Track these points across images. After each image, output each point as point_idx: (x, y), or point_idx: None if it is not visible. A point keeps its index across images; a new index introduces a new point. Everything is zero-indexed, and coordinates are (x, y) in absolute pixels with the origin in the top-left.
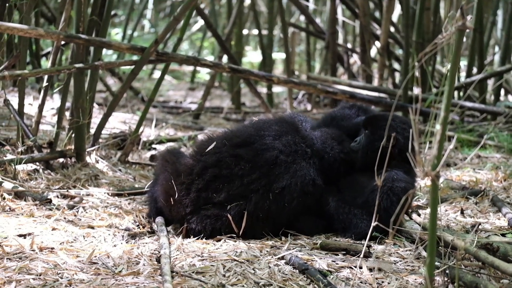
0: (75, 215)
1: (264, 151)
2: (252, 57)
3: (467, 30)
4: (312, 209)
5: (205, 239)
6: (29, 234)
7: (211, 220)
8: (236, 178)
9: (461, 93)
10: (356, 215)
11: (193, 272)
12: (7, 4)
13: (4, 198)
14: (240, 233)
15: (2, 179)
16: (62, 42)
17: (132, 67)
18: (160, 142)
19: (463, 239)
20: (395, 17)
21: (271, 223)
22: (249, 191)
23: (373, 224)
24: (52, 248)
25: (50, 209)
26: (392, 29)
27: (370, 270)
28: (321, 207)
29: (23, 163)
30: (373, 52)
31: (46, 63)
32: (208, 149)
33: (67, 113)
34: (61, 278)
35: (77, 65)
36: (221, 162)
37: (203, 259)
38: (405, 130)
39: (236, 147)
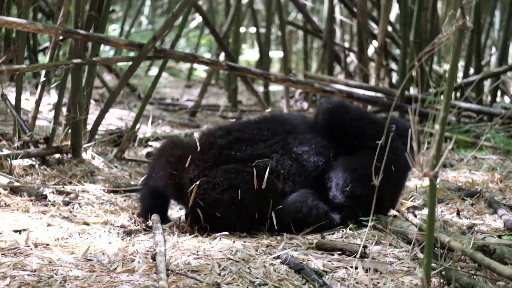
0: (70, 211)
1: (283, 123)
2: (249, 55)
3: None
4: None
5: (218, 195)
6: (24, 229)
7: (231, 174)
8: (259, 141)
9: (458, 94)
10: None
11: (188, 271)
12: None
13: None
14: (263, 186)
15: None
16: (60, 37)
17: (130, 63)
18: (157, 139)
19: (460, 240)
20: (392, 16)
21: (291, 181)
22: (271, 151)
23: (371, 222)
24: (47, 244)
25: (46, 205)
26: (389, 28)
27: (366, 270)
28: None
29: (19, 158)
30: (371, 51)
31: (43, 59)
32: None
33: (64, 109)
34: (56, 274)
35: (75, 61)
36: (244, 129)
37: (198, 258)
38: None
39: (257, 123)
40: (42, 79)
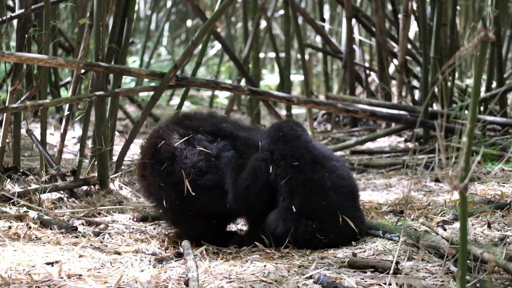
0: (101, 242)
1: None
2: (269, 80)
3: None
4: None
5: None
6: (57, 261)
7: None
8: None
9: (482, 108)
10: None
11: None
12: (26, 36)
13: (30, 227)
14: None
15: (28, 208)
16: (82, 71)
17: (152, 93)
18: None
19: (493, 251)
20: (411, 34)
21: None
22: None
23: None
24: (80, 275)
25: (76, 237)
26: (409, 46)
27: (400, 286)
28: None
29: (47, 192)
30: (391, 69)
31: (65, 93)
32: None
33: (89, 141)
34: None
35: (97, 93)
36: None
37: (231, 281)
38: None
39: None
40: (66, 112)
